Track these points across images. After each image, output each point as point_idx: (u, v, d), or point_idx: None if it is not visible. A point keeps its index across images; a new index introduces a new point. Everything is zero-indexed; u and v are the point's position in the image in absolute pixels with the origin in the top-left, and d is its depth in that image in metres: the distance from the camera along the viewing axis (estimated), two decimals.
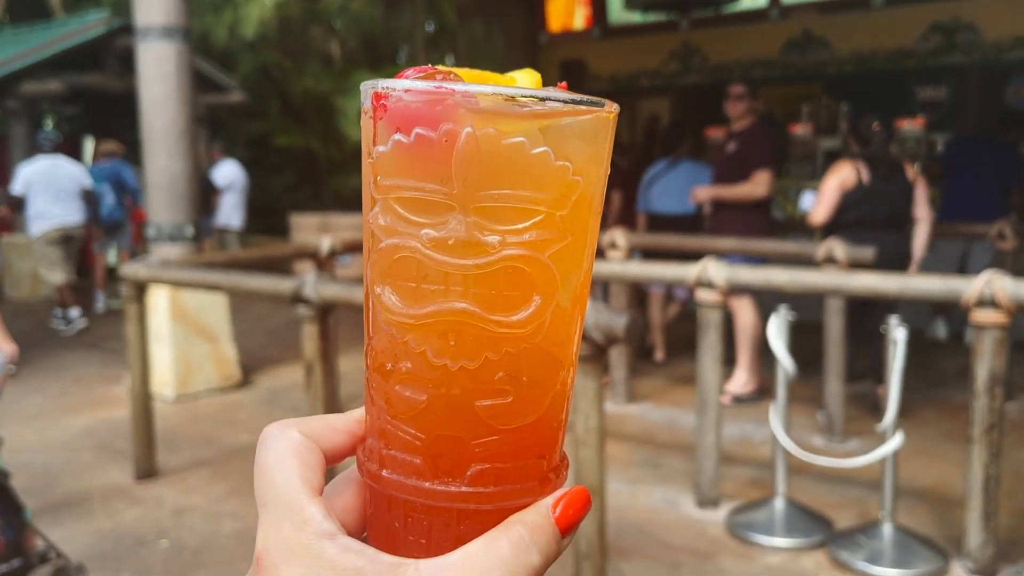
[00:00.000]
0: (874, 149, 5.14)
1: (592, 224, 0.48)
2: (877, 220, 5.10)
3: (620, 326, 2.77)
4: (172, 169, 6.10)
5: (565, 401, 0.49)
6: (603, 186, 0.48)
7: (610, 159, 0.48)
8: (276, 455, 0.45)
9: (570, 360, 0.48)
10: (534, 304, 0.45)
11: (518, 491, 0.46)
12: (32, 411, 5.83)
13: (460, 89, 0.42)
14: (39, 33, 12.48)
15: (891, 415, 3.47)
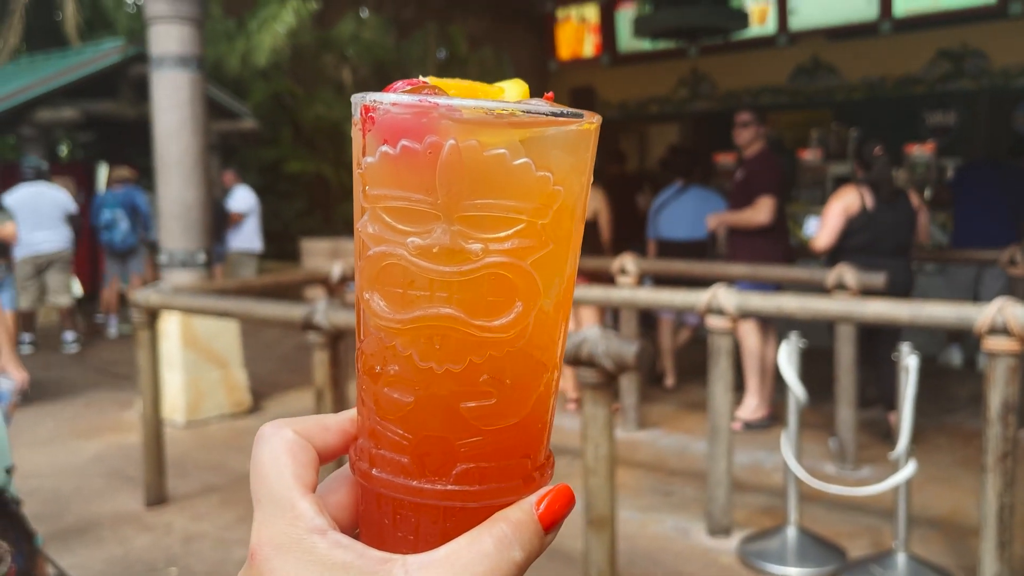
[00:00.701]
0: (876, 173, 5.13)
1: (575, 231, 0.49)
2: (881, 246, 5.09)
3: (630, 354, 2.77)
4: (185, 196, 6.15)
5: (550, 402, 0.50)
6: (585, 195, 0.50)
7: (592, 169, 0.50)
8: (270, 453, 0.47)
9: (554, 362, 0.50)
10: (516, 309, 0.47)
11: (503, 489, 0.48)
12: (44, 436, 5.85)
13: (444, 102, 0.44)
14: (55, 61, 12.65)
15: (904, 442, 3.45)
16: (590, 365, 2.82)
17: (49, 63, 12.64)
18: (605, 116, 7.36)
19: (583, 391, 2.89)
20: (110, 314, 9.86)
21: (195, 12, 6.11)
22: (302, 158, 16.12)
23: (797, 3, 7.84)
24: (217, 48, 14.93)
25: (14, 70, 13.50)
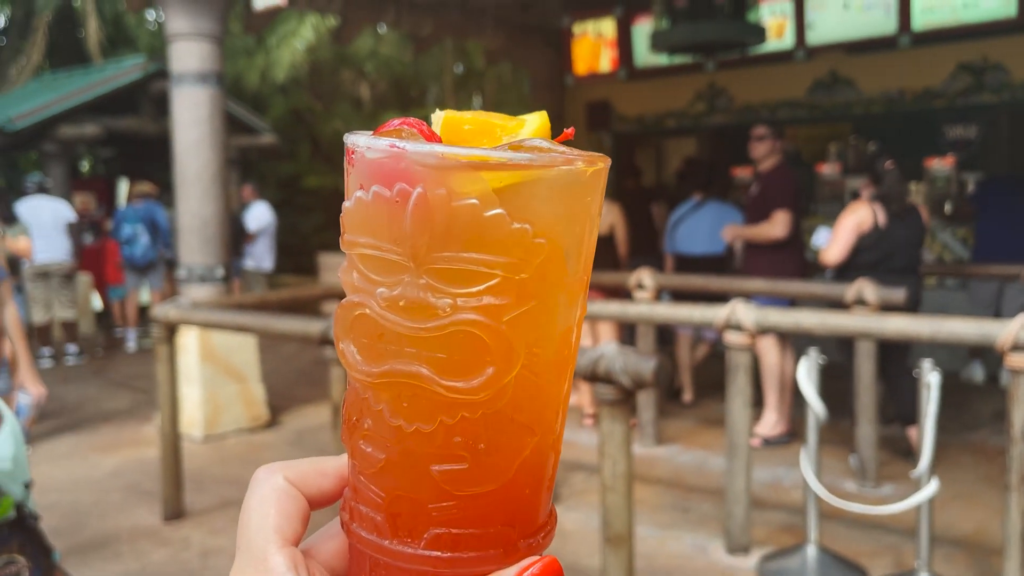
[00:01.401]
0: (887, 188, 5.10)
1: (569, 284, 0.46)
2: (892, 263, 5.04)
3: (648, 370, 2.75)
4: (203, 212, 6.19)
5: (543, 469, 0.47)
6: (584, 242, 0.46)
7: (598, 214, 0.47)
8: (257, 501, 0.47)
9: (546, 427, 0.47)
10: (488, 372, 0.44)
11: (479, 559, 0.45)
12: (62, 450, 5.88)
13: (411, 148, 0.42)
14: (77, 78, 12.80)
15: (926, 460, 3.40)
16: (607, 381, 2.81)
17: (72, 80, 12.79)
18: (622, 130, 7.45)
19: (600, 407, 2.88)
20: (128, 328, 9.94)
21: (215, 29, 6.17)
22: (320, 173, 16.21)
23: (815, 18, 7.82)
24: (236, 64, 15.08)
25: (37, 87, 13.68)
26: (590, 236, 0.47)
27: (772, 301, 5.40)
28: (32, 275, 8.69)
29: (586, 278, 0.48)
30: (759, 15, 6.46)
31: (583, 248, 0.47)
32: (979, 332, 3.26)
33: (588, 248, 0.47)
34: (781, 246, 5.63)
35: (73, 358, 9.12)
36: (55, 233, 8.76)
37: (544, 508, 0.49)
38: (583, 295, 0.48)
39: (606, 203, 6.20)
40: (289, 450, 5.90)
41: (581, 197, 0.45)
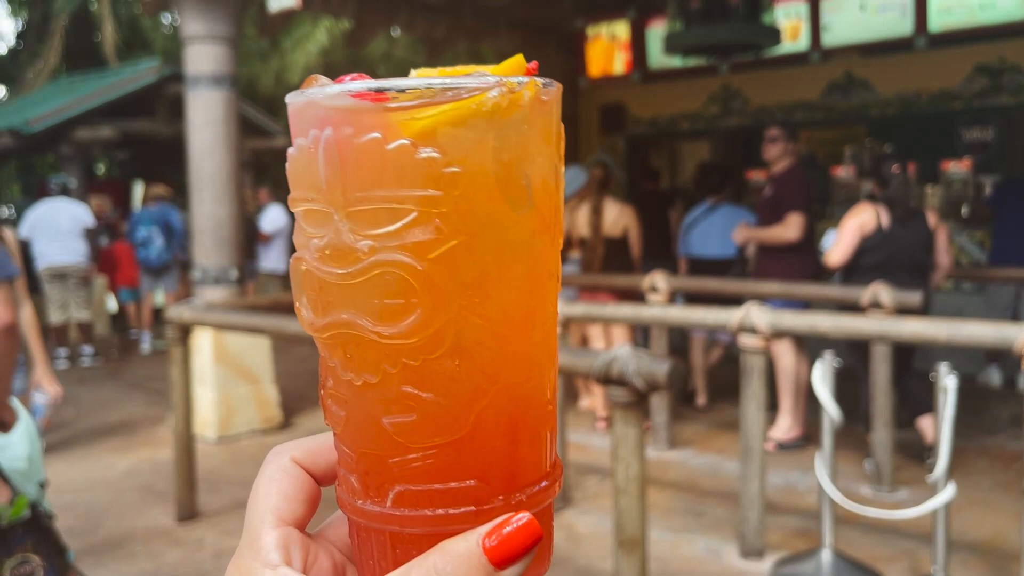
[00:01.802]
0: (892, 191, 5.07)
1: (519, 221, 0.44)
2: (895, 265, 5.01)
3: (662, 373, 2.74)
4: (218, 214, 6.21)
5: (514, 420, 0.45)
6: (534, 175, 0.44)
7: (548, 143, 0.44)
8: (263, 480, 0.47)
9: (512, 377, 0.44)
10: (415, 314, 0.42)
11: (449, 517, 0.43)
12: (77, 451, 5.91)
13: (317, 92, 0.42)
14: (93, 81, 12.89)
15: (942, 465, 3.37)
16: (621, 384, 2.79)
17: (88, 83, 12.89)
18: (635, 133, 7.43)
19: (614, 410, 2.86)
20: (143, 329, 10.00)
21: (230, 32, 6.20)
22: None
23: (830, 19, 7.78)
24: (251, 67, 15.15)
25: (54, 90, 13.78)
26: (544, 169, 0.45)
27: (786, 304, 5.37)
28: (49, 276, 8.76)
29: (552, 218, 0.46)
30: (774, 17, 6.43)
31: (533, 181, 0.44)
32: (997, 335, 3.23)
33: (545, 183, 0.45)
34: (794, 249, 5.60)
35: (88, 359, 9.19)
36: (72, 236, 8.82)
37: (532, 463, 0.46)
38: (551, 238, 0.46)
39: (619, 206, 6.19)
40: None
41: (514, 125, 0.43)
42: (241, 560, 0.44)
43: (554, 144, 0.45)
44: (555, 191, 0.46)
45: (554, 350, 0.48)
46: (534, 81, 0.43)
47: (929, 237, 5.09)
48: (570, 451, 4.94)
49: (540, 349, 0.46)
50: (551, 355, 0.48)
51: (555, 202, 0.46)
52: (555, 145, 0.46)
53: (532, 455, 0.46)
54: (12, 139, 11.53)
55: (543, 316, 0.46)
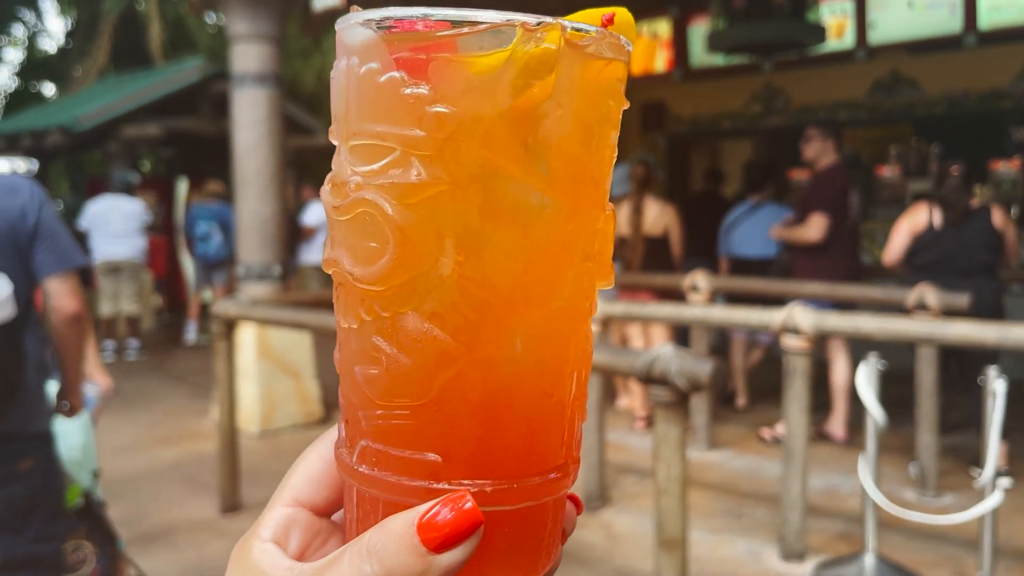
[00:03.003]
0: (944, 192, 4.98)
1: (529, 181, 0.40)
2: (950, 265, 4.91)
3: (704, 373, 2.73)
4: (262, 211, 6.29)
5: (484, 399, 0.41)
6: (541, 128, 0.39)
7: (573, 97, 0.40)
8: (296, 463, 0.48)
9: (495, 353, 0.41)
10: (383, 260, 0.40)
11: (402, 487, 0.41)
12: (124, 442, 6.02)
13: (341, 22, 0.41)
14: (140, 80, 13.11)
15: (990, 470, 3.32)
16: (663, 383, 2.79)
17: (135, 81, 13.11)
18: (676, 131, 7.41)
19: (655, 410, 2.86)
20: (189, 320, 10.24)
21: (275, 31, 6.27)
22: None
23: (877, 17, 7.67)
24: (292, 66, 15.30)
25: (102, 88, 14.05)
26: (568, 128, 0.41)
27: (822, 304, 5.31)
28: (104, 270, 9.00)
29: (574, 187, 0.41)
30: (819, 14, 6.36)
31: (547, 138, 0.40)
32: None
33: (565, 143, 0.41)
34: (824, 249, 5.53)
35: (134, 352, 9.38)
36: (130, 231, 9.09)
37: (517, 452, 0.42)
38: (573, 209, 0.41)
39: (660, 204, 6.16)
40: None
41: (529, 71, 0.39)
42: (247, 533, 0.45)
43: (594, 104, 0.41)
44: (582, 155, 0.41)
45: (573, 340, 0.44)
46: (559, 25, 0.39)
47: (992, 236, 4.95)
48: (608, 450, 4.93)
49: (543, 333, 0.42)
50: (566, 344, 0.43)
51: (581, 168, 0.42)
52: (595, 106, 0.41)
53: (517, 443, 0.42)
54: (62, 136, 11.78)
55: (551, 295, 0.42)
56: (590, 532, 4.25)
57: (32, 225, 2.46)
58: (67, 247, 2.56)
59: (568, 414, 0.44)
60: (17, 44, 20.97)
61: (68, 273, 2.54)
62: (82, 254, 2.64)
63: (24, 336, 2.42)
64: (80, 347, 2.65)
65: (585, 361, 0.45)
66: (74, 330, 2.56)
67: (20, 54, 21.12)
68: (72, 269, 2.55)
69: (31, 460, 2.51)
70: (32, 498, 2.51)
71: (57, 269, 2.51)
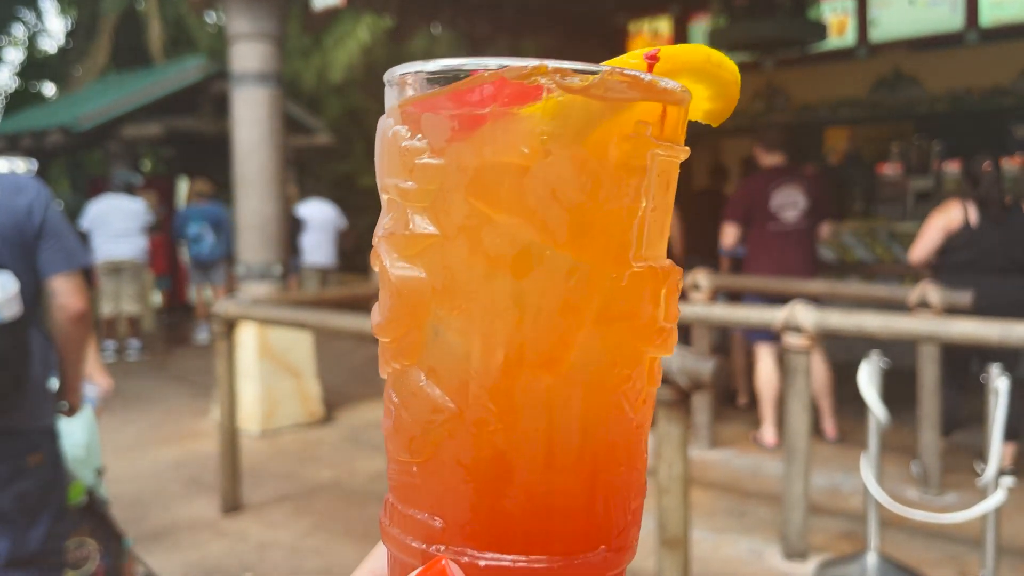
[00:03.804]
0: (983, 190, 4.87)
1: (498, 227, 0.38)
2: (986, 264, 4.83)
3: (707, 371, 2.72)
4: (263, 211, 6.29)
5: (476, 463, 0.39)
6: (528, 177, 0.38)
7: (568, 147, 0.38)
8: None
9: (469, 412, 0.39)
10: (386, 311, 0.41)
11: (406, 547, 0.41)
12: (125, 442, 6.02)
13: (389, 74, 0.42)
14: (140, 79, 13.10)
15: (992, 468, 3.31)
16: (665, 382, 2.78)
17: (135, 81, 13.10)
18: None
19: (657, 408, 2.85)
20: (201, 321, 10.26)
21: (275, 30, 6.26)
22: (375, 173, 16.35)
23: (878, 14, 7.66)
24: (293, 65, 15.29)
25: (102, 88, 14.04)
26: (563, 181, 0.38)
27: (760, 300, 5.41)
28: (105, 270, 9.01)
29: (575, 239, 0.38)
30: (820, 12, 6.35)
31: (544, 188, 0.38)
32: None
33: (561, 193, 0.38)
34: (751, 253, 5.76)
35: (135, 353, 9.38)
36: (131, 231, 9.09)
37: (522, 529, 0.39)
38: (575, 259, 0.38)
39: None
40: (344, 446, 5.96)
41: (519, 122, 0.38)
42: None
43: (599, 150, 0.39)
44: (583, 204, 0.39)
45: (597, 414, 0.40)
46: (543, 68, 0.37)
47: None
48: None
49: (546, 400, 0.39)
50: (580, 416, 0.40)
51: (582, 219, 0.39)
52: (600, 151, 0.39)
53: (519, 517, 0.40)
54: (62, 136, 11.77)
55: (554, 359, 0.39)
56: None
57: (38, 224, 2.47)
58: (72, 246, 2.58)
59: (599, 494, 0.41)
60: (17, 44, 20.97)
61: (73, 272, 2.56)
62: (87, 253, 2.65)
63: (30, 333, 2.44)
64: (83, 346, 2.65)
65: (623, 439, 0.41)
66: (78, 328, 2.58)
67: (20, 54, 21.12)
68: (77, 268, 2.58)
69: (40, 455, 2.51)
70: (42, 494, 2.52)
71: (63, 268, 2.52)
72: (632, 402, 0.41)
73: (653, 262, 0.41)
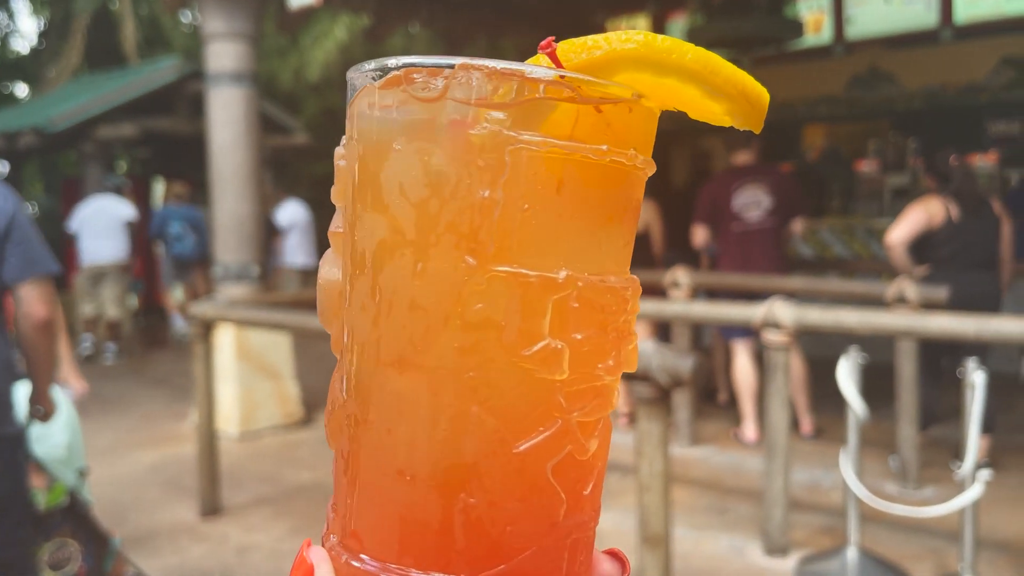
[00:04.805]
0: (958, 184, 4.92)
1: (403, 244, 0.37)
2: (969, 257, 4.88)
3: (686, 368, 2.72)
4: (239, 211, 6.23)
5: (338, 456, 0.41)
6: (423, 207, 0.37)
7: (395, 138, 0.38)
8: None
9: (348, 406, 0.40)
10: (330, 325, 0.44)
11: (326, 536, 0.43)
12: (103, 446, 5.95)
13: None
14: (114, 79, 12.96)
15: (970, 461, 3.33)
16: (644, 379, 2.77)
17: (109, 81, 12.96)
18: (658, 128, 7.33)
19: (637, 406, 2.84)
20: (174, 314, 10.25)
21: (251, 29, 6.21)
22: None
23: (854, 12, 7.71)
24: (270, 64, 15.19)
25: (75, 88, 13.88)
26: (416, 171, 0.37)
27: None
28: (90, 272, 8.98)
29: (421, 235, 0.37)
30: (796, 10, 6.38)
31: (396, 182, 0.38)
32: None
33: (407, 187, 0.37)
34: (720, 252, 5.85)
35: (111, 356, 9.29)
36: (115, 232, 9.10)
37: (388, 536, 0.39)
38: (420, 257, 0.37)
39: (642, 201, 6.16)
40: (324, 447, 5.91)
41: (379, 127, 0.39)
42: None
43: (440, 146, 0.37)
44: (428, 200, 0.37)
45: (467, 419, 0.37)
46: (384, 65, 0.38)
47: (998, 227, 4.95)
48: None
49: (399, 401, 0.38)
50: (439, 418, 0.38)
51: (428, 214, 0.37)
52: (440, 147, 0.37)
53: (382, 522, 0.39)
54: (35, 137, 11.63)
55: (407, 357, 0.38)
56: None
57: (3, 228, 2.43)
58: (39, 253, 2.53)
59: (457, 516, 0.38)
60: None
61: (39, 279, 2.51)
62: (54, 261, 2.60)
63: None
64: (50, 354, 2.62)
65: (492, 462, 0.38)
66: (44, 336, 2.54)
67: None
68: (43, 275, 2.53)
69: None
70: (0, 502, 2.47)
71: (28, 275, 2.48)
72: (509, 423, 0.38)
73: (528, 269, 0.38)
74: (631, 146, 0.40)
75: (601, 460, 0.41)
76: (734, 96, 0.42)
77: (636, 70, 0.40)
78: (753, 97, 0.42)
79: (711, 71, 0.41)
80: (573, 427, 0.39)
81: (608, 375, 0.40)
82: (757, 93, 0.42)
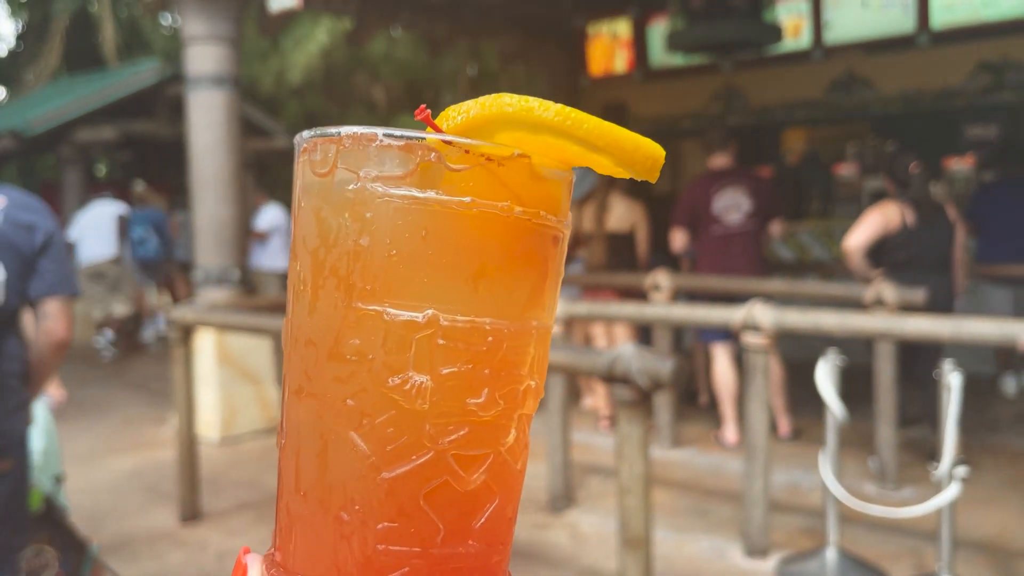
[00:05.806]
0: (915, 191, 5.05)
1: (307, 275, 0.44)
2: (923, 262, 5.00)
3: (666, 371, 2.73)
4: (220, 214, 6.20)
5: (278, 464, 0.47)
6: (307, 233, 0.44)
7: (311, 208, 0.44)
8: None
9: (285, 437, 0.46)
10: None
11: None
12: (81, 451, 5.90)
13: None
14: (94, 82, 12.88)
15: (947, 462, 3.36)
16: (625, 382, 2.78)
17: (88, 84, 12.88)
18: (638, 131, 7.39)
19: (618, 409, 2.86)
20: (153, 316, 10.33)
21: (231, 32, 6.18)
22: None
23: (832, 17, 7.77)
24: (251, 67, 15.13)
25: (54, 91, 13.78)
26: (311, 222, 0.45)
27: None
28: (89, 274, 9.01)
29: (316, 279, 0.45)
30: (775, 14, 6.42)
31: (302, 232, 0.45)
32: (1000, 332, 3.21)
33: (310, 237, 0.44)
34: (699, 255, 5.87)
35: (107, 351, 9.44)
36: (109, 232, 9.26)
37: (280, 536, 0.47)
38: (313, 298, 0.44)
39: (627, 202, 6.17)
40: None
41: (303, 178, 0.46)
42: None
43: (326, 200, 0.43)
44: (318, 248, 0.44)
45: (335, 444, 0.44)
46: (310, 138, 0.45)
47: (952, 232, 5.07)
48: (573, 451, 4.93)
49: (296, 425, 0.46)
50: (317, 447, 0.44)
51: (319, 259, 0.44)
52: (325, 200, 0.44)
53: (287, 532, 0.46)
54: (13, 141, 11.53)
55: (302, 386, 0.45)
56: (556, 532, 4.24)
57: (40, 243, 2.52)
58: (69, 274, 2.63)
59: (336, 533, 0.43)
60: None
61: (65, 299, 2.58)
62: (77, 282, 2.70)
63: (8, 339, 2.46)
64: (54, 371, 2.70)
65: (362, 485, 0.43)
66: (56, 355, 2.60)
67: None
68: (69, 296, 2.60)
69: (12, 461, 2.45)
70: (8, 502, 2.45)
71: (57, 292, 2.55)
72: (381, 449, 0.42)
73: (393, 308, 0.42)
74: (533, 200, 0.44)
75: (499, 495, 0.44)
76: (608, 148, 0.44)
77: (512, 129, 0.43)
78: (630, 147, 0.45)
79: (573, 124, 0.43)
80: (447, 459, 0.42)
81: (482, 411, 0.43)
82: (634, 143, 0.45)
